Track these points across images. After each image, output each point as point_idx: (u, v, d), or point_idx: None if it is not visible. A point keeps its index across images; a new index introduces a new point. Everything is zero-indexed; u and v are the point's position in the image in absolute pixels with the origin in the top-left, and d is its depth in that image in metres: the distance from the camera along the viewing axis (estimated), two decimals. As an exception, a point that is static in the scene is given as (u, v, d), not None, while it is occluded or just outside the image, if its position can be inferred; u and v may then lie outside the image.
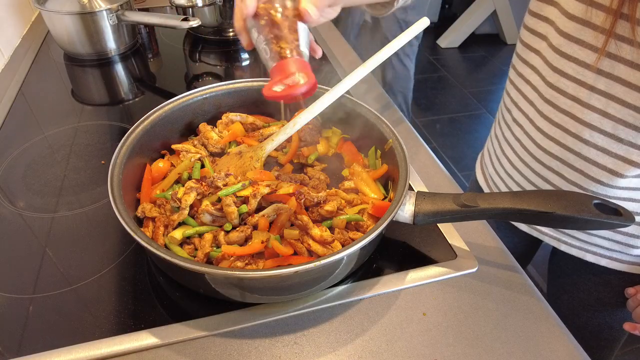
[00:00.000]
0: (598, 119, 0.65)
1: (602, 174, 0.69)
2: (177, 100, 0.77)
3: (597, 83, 0.64)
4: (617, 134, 0.65)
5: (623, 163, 0.66)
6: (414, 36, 0.78)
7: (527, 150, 0.78)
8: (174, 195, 0.62)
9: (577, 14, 0.63)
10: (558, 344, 0.58)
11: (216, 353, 0.55)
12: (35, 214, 0.73)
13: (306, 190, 0.64)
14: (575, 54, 0.65)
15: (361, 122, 0.76)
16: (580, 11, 0.62)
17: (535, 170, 0.78)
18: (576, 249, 0.81)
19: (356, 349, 0.56)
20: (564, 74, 0.67)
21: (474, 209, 0.58)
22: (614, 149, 0.66)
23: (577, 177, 0.72)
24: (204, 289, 0.59)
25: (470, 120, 2.96)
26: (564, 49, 0.66)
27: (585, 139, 0.68)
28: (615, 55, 0.60)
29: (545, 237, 0.85)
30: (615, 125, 0.64)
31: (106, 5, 1.11)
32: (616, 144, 0.65)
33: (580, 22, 0.63)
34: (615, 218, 0.55)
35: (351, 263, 0.61)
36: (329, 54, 1.24)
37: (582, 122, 0.67)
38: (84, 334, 0.56)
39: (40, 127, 0.94)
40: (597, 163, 0.69)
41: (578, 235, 0.79)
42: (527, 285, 0.65)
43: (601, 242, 0.77)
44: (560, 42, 0.66)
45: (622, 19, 0.57)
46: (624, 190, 0.70)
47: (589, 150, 0.69)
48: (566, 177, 0.74)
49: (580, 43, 0.64)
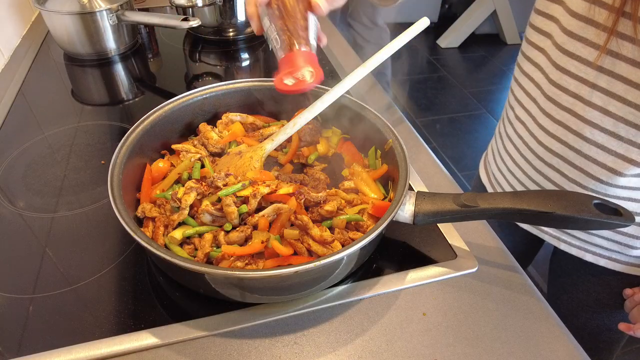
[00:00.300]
0: (599, 117, 0.66)
1: (602, 172, 0.69)
2: (177, 100, 0.77)
3: (598, 80, 0.64)
4: (617, 132, 0.65)
5: (622, 161, 0.66)
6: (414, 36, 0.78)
7: (529, 147, 0.78)
8: (174, 195, 0.62)
9: (581, 12, 0.63)
10: (558, 344, 0.58)
11: (216, 353, 0.55)
12: (35, 214, 0.73)
13: (306, 190, 0.64)
14: (578, 52, 0.65)
15: (361, 122, 0.76)
16: (583, 9, 0.62)
17: (537, 167, 0.78)
18: (576, 249, 0.81)
19: (356, 349, 0.56)
20: (566, 71, 0.67)
21: (474, 209, 0.58)
22: (613, 146, 0.66)
23: (578, 175, 0.72)
24: (204, 289, 0.59)
25: (470, 120, 2.96)
26: (567, 46, 0.66)
27: (585, 137, 0.68)
28: (616, 53, 0.60)
29: (546, 236, 0.85)
30: (616, 122, 0.64)
31: (106, 5, 1.11)
32: (616, 141, 0.66)
33: (584, 20, 0.63)
34: (615, 218, 0.55)
35: (351, 263, 0.61)
36: (329, 54, 1.24)
37: (583, 120, 0.68)
38: (84, 334, 0.56)
39: (40, 127, 0.94)
40: (597, 161, 0.69)
41: (578, 235, 0.79)
42: (527, 285, 0.65)
43: (601, 242, 0.77)
44: (564, 40, 0.66)
45: (624, 17, 0.58)
46: (624, 190, 0.70)
47: (590, 148, 0.69)
48: (567, 175, 0.74)
49: (583, 41, 0.64)
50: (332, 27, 1.41)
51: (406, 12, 3.94)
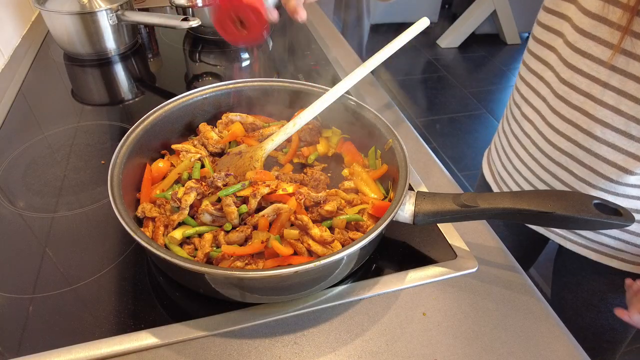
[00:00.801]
0: (610, 116, 0.65)
1: (612, 171, 0.69)
2: (177, 100, 0.77)
3: (610, 79, 0.64)
4: (628, 131, 0.65)
5: (634, 160, 0.66)
6: (413, 36, 0.78)
7: (537, 145, 0.78)
8: (174, 195, 0.62)
9: (594, 10, 0.63)
10: (558, 344, 0.58)
11: (216, 353, 0.55)
12: (35, 214, 0.73)
13: (306, 190, 0.64)
14: (590, 50, 0.65)
15: (361, 122, 0.76)
16: (596, 7, 0.62)
17: (544, 166, 0.78)
18: (582, 247, 0.81)
19: (356, 349, 0.56)
20: (578, 70, 0.67)
21: (474, 209, 0.58)
22: (625, 145, 0.66)
23: (586, 174, 0.72)
24: (204, 289, 0.59)
25: (470, 120, 2.96)
26: (579, 45, 0.66)
27: (596, 135, 0.68)
28: (630, 52, 0.60)
29: (551, 235, 0.84)
30: (627, 122, 0.64)
31: (106, 5, 1.11)
32: (627, 140, 0.65)
33: (597, 18, 0.63)
34: (615, 218, 0.55)
35: (351, 263, 0.61)
36: (329, 54, 1.24)
37: (594, 119, 0.67)
38: (84, 334, 0.56)
39: (40, 127, 0.94)
40: (607, 160, 0.69)
41: (584, 234, 0.79)
42: (527, 285, 0.65)
43: (607, 240, 0.77)
44: (576, 38, 0.66)
45: (639, 15, 0.57)
46: (634, 188, 0.70)
47: (600, 147, 0.69)
48: (575, 174, 0.74)
49: (595, 39, 0.64)
50: (332, 27, 1.41)
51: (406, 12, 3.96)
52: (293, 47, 1.30)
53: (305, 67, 1.18)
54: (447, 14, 4.16)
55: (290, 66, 1.19)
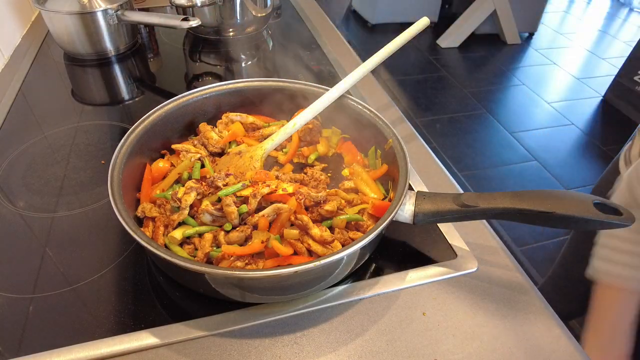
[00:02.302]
0: None
1: None
2: (177, 100, 0.77)
3: None
4: None
5: None
6: (413, 36, 0.78)
7: None
8: (174, 195, 0.62)
9: None
10: (558, 344, 0.58)
11: (216, 353, 0.55)
12: (35, 214, 0.73)
13: (306, 190, 0.64)
14: None
15: (361, 122, 0.76)
16: None
17: None
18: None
19: (356, 349, 0.56)
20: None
21: (474, 209, 0.58)
22: None
23: None
24: (204, 289, 0.59)
25: (470, 120, 2.96)
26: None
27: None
28: None
29: None
30: None
31: (106, 5, 1.11)
32: None
33: None
34: (615, 218, 0.55)
35: (351, 263, 0.61)
36: (328, 54, 1.24)
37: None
38: (84, 334, 0.56)
39: (40, 127, 0.94)
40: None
41: None
42: (527, 285, 0.65)
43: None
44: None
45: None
46: None
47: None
48: None
49: None
50: (332, 27, 1.41)
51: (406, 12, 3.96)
52: (293, 47, 1.30)
53: (305, 67, 1.18)
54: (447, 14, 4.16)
55: (290, 66, 1.20)
